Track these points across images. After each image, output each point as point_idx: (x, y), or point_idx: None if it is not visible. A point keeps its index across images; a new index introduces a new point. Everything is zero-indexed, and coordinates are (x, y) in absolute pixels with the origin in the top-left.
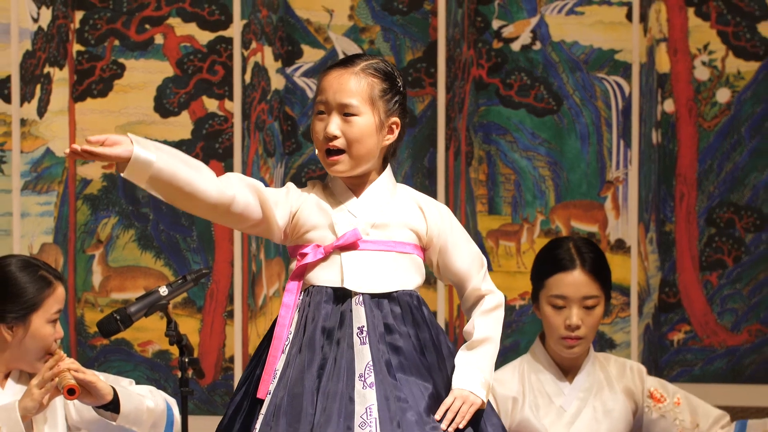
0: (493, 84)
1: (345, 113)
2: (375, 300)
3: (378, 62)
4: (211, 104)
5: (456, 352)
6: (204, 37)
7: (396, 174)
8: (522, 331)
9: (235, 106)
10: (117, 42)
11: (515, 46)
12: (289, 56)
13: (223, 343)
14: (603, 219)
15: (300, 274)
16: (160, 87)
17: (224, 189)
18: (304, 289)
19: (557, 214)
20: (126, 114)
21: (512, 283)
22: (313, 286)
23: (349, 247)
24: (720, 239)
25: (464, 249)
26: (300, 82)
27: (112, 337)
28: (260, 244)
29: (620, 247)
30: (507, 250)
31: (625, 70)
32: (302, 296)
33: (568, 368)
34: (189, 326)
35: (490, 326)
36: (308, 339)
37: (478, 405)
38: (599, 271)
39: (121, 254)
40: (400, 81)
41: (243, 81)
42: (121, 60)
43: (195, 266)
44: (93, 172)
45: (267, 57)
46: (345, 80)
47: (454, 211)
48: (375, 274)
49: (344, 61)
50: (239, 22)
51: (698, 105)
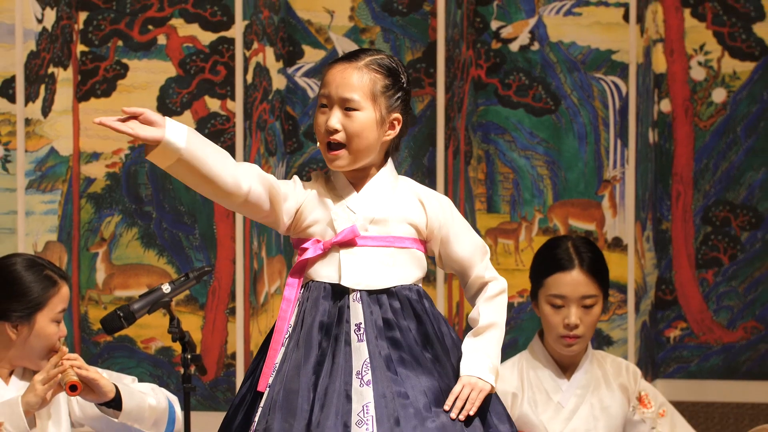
0: (492, 84)
1: (346, 108)
2: (373, 296)
3: (383, 58)
4: (213, 104)
5: (460, 343)
6: (206, 37)
7: (397, 171)
8: (520, 328)
9: (236, 106)
10: (120, 42)
11: (514, 47)
12: (290, 56)
13: (225, 340)
14: (600, 217)
15: (301, 268)
16: (162, 87)
17: (240, 184)
18: (305, 284)
19: (555, 213)
20: None
21: (511, 280)
22: (312, 282)
23: (348, 243)
24: (716, 237)
25: (466, 238)
26: (301, 82)
27: (116, 334)
28: (261, 242)
29: (617, 245)
30: (505, 248)
31: (622, 70)
32: (302, 291)
33: (567, 365)
34: (191, 323)
35: (495, 312)
36: (305, 334)
37: (488, 390)
38: (598, 270)
39: (125, 252)
40: (404, 77)
41: (245, 81)
42: (125, 60)
43: (197, 264)
44: (97, 171)
45: (268, 57)
46: (348, 75)
47: None
48: (373, 270)
49: (349, 55)
50: (241, 22)
51: (694, 105)
